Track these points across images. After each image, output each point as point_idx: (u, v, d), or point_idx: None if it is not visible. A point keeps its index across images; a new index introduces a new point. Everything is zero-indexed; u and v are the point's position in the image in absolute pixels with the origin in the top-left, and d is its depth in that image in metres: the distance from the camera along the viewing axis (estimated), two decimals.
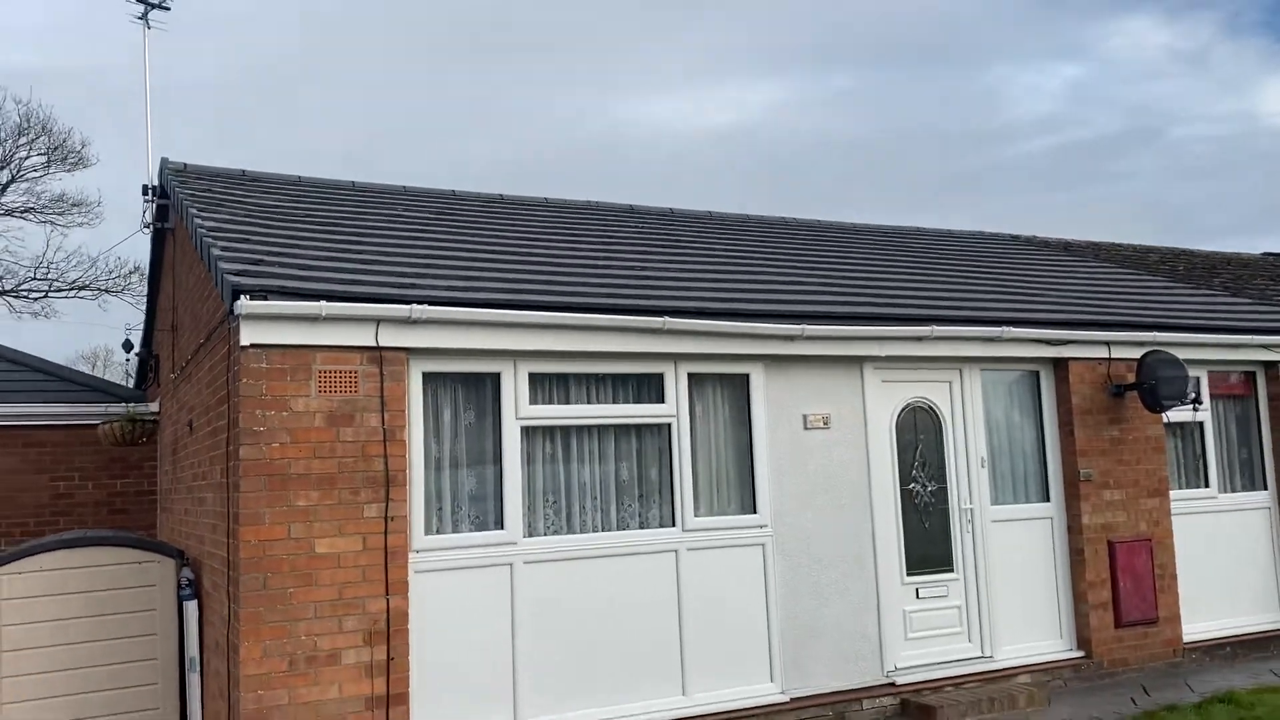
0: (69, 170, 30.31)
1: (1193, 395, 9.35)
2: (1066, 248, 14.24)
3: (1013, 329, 8.72)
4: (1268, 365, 10.46)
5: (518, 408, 7.10)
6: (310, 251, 7.50)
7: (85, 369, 27.33)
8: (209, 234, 7.38)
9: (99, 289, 29.24)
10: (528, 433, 7.18)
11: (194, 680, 7.49)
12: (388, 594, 6.39)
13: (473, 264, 8.01)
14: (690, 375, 7.75)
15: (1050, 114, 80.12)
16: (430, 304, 6.61)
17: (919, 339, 8.35)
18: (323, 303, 6.26)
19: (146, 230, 10.37)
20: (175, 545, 8.12)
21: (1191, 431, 10.08)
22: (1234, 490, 10.29)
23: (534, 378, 7.21)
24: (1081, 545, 9.02)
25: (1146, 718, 7.48)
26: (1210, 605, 9.73)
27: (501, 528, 6.99)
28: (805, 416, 8.11)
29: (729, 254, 10.28)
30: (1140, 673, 9.00)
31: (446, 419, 6.99)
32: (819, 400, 8.21)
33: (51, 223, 30.82)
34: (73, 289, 30.55)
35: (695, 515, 7.64)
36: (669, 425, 7.65)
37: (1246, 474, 10.42)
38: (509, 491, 7.02)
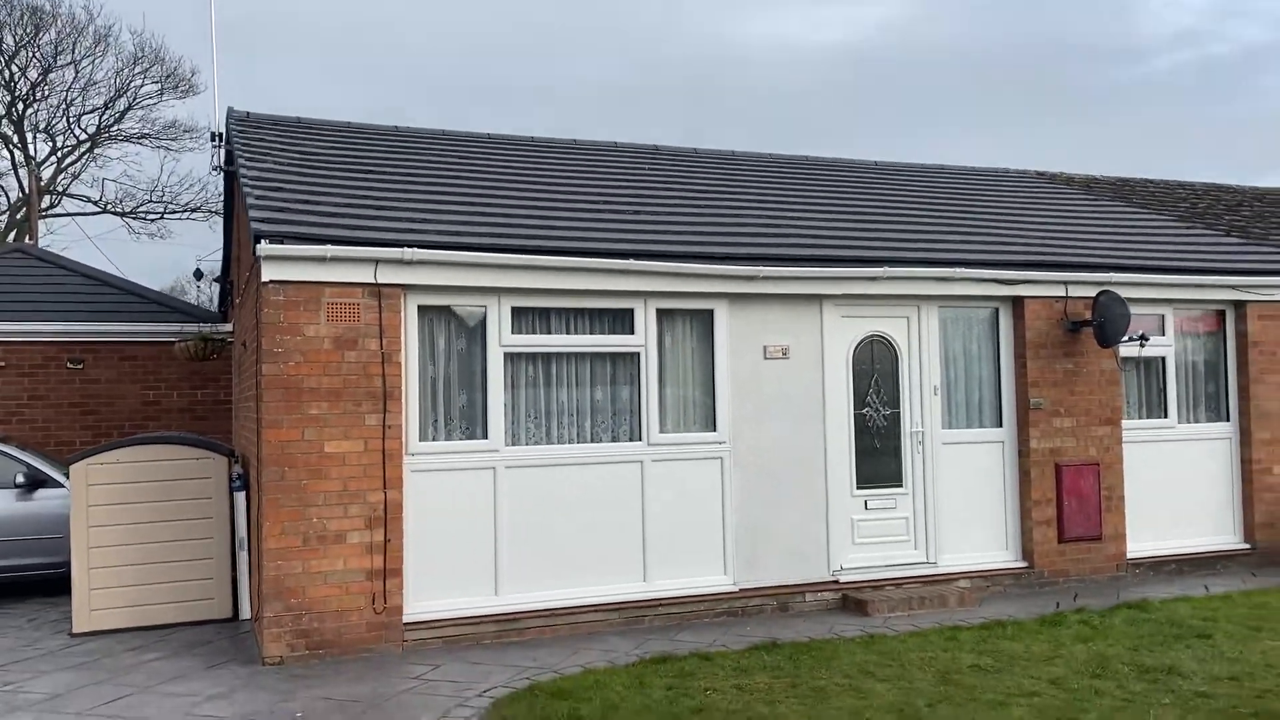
0: (180, 98, 32.46)
1: (1140, 333, 10.09)
2: (1088, 187, 14.73)
3: (964, 269, 9.60)
4: (1236, 305, 11.05)
5: (501, 336, 8.34)
6: (333, 196, 8.79)
7: (193, 288, 29.47)
8: (249, 183, 8.73)
9: (210, 211, 31.38)
10: (511, 358, 8.43)
11: (242, 557, 9.06)
12: (385, 488, 7.76)
13: (473, 207, 9.20)
14: (659, 310, 8.86)
15: (1190, 27, 74.96)
16: (421, 247, 7.86)
17: (872, 279, 9.30)
18: (329, 246, 7.56)
19: (216, 173, 11.80)
20: (230, 446, 9.62)
21: (1155, 365, 10.81)
22: (1196, 421, 11.00)
23: (517, 311, 8.43)
24: (1029, 467, 9.94)
25: (1055, 618, 8.45)
26: (1162, 526, 10.55)
27: (486, 437, 8.29)
28: (765, 347, 9.17)
29: (708, 192, 11.16)
30: (1080, 583, 9.94)
31: (441, 345, 8.28)
32: (780, 333, 9.25)
33: (165, 148, 33.10)
34: (185, 211, 32.84)
35: (660, 432, 8.82)
36: (638, 354, 8.80)
37: (1212, 407, 11.10)
38: (493, 407, 8.30)
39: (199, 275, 13.71)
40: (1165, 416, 10.79)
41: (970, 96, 66.16)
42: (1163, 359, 10.80)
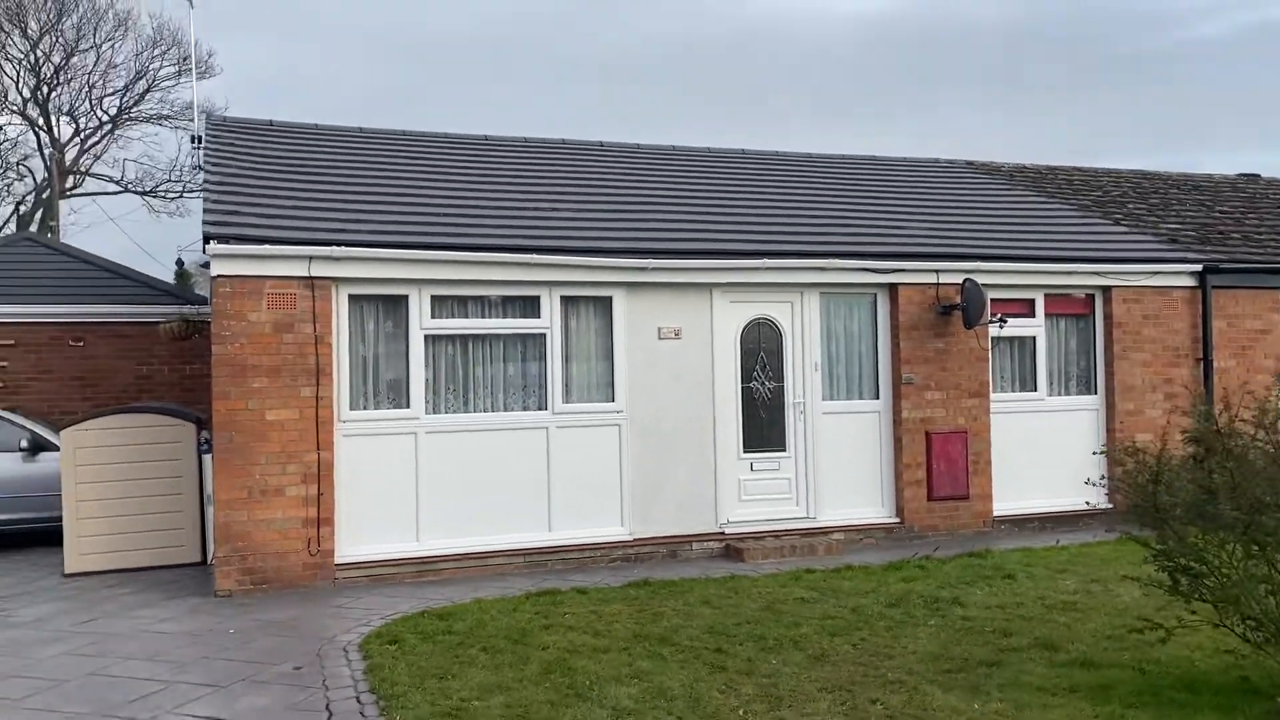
0: (198, 79, 33.93)
1: (999, 316, 11.36)
2: (1011, 176, 15.88)
3: (839, 260, 10.90)
4: (1104, 289, 12.27)
5: (421, 320, 9.72)
6: (280, 197, 10.18)
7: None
8: (208, 186, 10.14)
9: None
10: (431, 339, 9.81)
11: (209, 510, 10.51)
12: (318, 450, 9.19)
13: (404, 204, 10.59)
14: (563, 297, 10.22)
15: None
16: (349, 245, 9.25)
17: (754, 269, 10.61)
18: (267, 245, 8.97)
19: (196, 172, 13.24)
20: (198, 414, 11.07)
21: (1028, 344, 12.07)
22: (1067, 394, 12.27)
23: (436, 298, 9.81)
24: (902, 435, 11.25)
25: (900, 563, 9.78)
26: (1029, 487, 11.82)
27: (409, 407, 9.69)
28: (660, 329, 10.52)
29: (618, 186, 12.50)
30: (948, 537, 11.25)
31: (370, 327, 9.69)
32: (673, 316, 10.58)
33: (184, 129, 34.64)
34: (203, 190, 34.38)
35: (564, 402, 10.20)
36: (544, 335, 10.17)
37: (1082, 381, 12.36)
38: (414, 381, 9.70)
39: (180, 264, 15.15)
40: (1035, 390, 12.05)
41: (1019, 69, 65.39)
42: (1034, 338, 12.05)
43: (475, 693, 5.97)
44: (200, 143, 12.82)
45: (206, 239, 8.88)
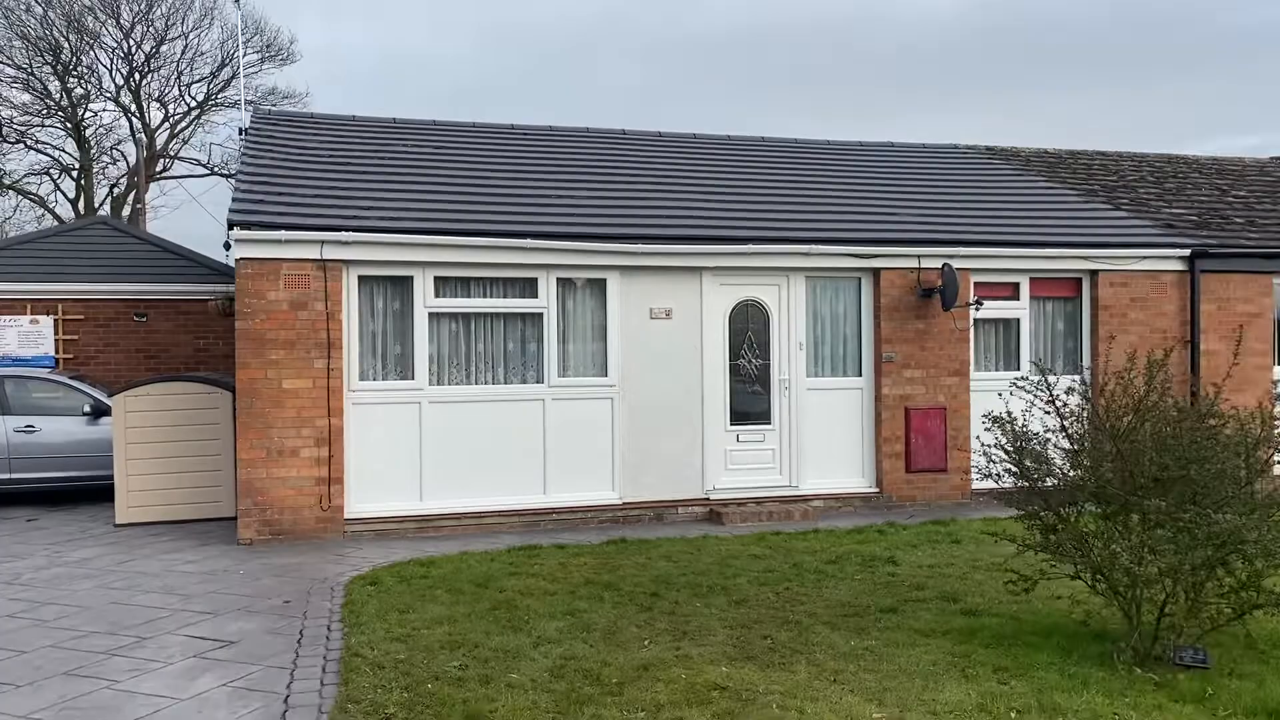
0: (279, 66, 35.55)
1: (976, 299, 11.91)
2: (1028, 161, 16.26)
3: (822, 246, 11.56)
4: (1091, 273, 12.72)
5: (425, 299, 10.67)
6: (305, 186, 11.21)
7: None
8: (240, 177, 11.22)
9: None
10: (435, 317, 10.76)
11: None
12: (329, 416, 10.22)
13: (415, 191, 11.54)
14: (559, 279, 11.08)
15: None
16: (358, 230, 10.23)
17: (740, 254, 11.34)
18: (283, 231, 9.99)
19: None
20: (233, 383, 12.18)
21: (1012, 325, 12.60)
22: (1052, 375, 12.69)
23: (440, 279, 10.75)
24: (882, 410, 11.91)
25: (865, 528, 10.46)
26: None
27: (414, 379, 10.67)
28: (651, 309, 11.32)
29: (612, 172, 13.25)
30: (925, 507, 11.88)
31: (379, 305, 10.67)
32: (665, 298, 11.38)
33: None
34: None
35: (559, 376, 11.08)
36: (541, 314, 11.05)
37: (1070, 361, 12.83)
38: (419, 355, 10.66)
39: (228, 247, 16.30)
40: (1019, 369, 12.56)
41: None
42: (1018, 320, 12.57)
43: (426, 623, 6.90)
44: (244, 135, 13.92)
45: (230, 225, 9.92)
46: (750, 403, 11.73)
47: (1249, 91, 59.82)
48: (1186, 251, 12.82)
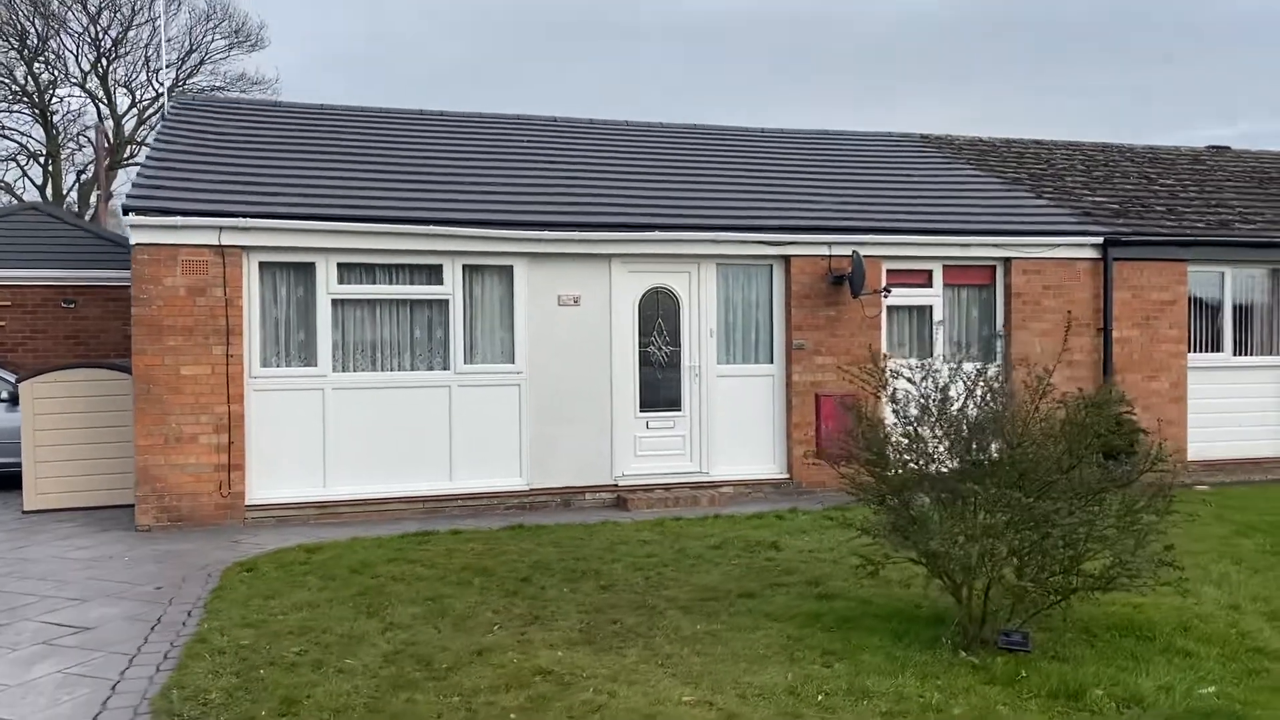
0: (248, 52, 35.28)
1: (885, 285, 11.98)
2: (959, 150, 16.31)
3: (732, 234, 11.59)
4: (1005, 261, 12.80)
5: (328, 286, 10.67)
6: (209, 173, 11.17)
7: None
8: (144, 162, 11.16)
9: None
10: (339, 303, 10.76)
11: None
12: (229, 403, 10.21)
13: (321, 177, 11.51)
14: (466, 265, 11.09)
15: None
16: (257, 217, 10.21)
17: (647, 241, 11.37)
18: (178, 217, 9.96)
19: None
20: None
21: (926, 312, 12.67)
22: (967, 362, 12.79)
23: (344, 266, 10.74)
24: (793, 397, 11.97)
25: (767, 513, 10.53)
26: None
27: (316, 365, 10.67)
28: (559, 296, 11.35)
29: (524, 159, 13.19)
30: (835, 493, 11.83)
31: (282, 292, 10.66)
32: (573, 284, 11.40)
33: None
34: None
35: (465, 363, 11.10)
36: (447, 300, 11.05)
37: (985, 348, 12.91)
38: (321, 341, 10.66)
39: None
40: (932, 355, 12.62)
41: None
42: (931, 307, 12.65)
43: (285, 609, 6.93)
44: (163, 120, 13.85)
45: (125, 211, 9.89)
46: (661, 390, 11.78)
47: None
48: (1099, 239, 12.92)
